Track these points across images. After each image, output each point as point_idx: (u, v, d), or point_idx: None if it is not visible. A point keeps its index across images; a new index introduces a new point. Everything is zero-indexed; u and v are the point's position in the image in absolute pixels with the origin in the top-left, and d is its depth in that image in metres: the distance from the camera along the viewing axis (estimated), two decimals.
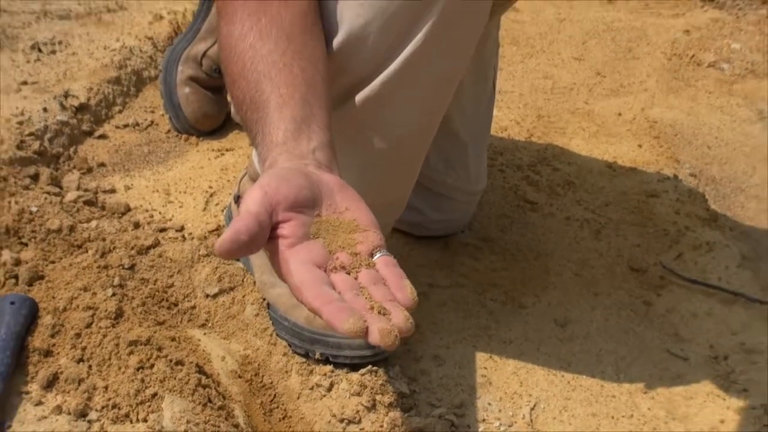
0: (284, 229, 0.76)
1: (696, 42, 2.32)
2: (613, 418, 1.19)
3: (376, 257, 0.77)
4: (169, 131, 1.74)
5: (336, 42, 1.03)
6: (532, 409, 1.20)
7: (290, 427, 1.16)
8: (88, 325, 1.16)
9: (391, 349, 0.70)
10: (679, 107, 2.03)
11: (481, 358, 1.28)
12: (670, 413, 1.20)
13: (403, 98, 1.08)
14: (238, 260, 1.35)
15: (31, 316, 1.18)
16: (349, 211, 0.80)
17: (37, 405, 1.07)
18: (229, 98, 1.65)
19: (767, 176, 1.80)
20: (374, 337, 0.67)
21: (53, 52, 1.88)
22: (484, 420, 1.18)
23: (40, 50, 1.88)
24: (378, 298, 0.72)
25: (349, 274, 0.75)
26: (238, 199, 1.27)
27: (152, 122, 1.76)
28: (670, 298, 1.43)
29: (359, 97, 1.07)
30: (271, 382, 1.21)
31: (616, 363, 1.29)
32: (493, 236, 1.53)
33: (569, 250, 1.52)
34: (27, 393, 1.08)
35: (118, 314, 1.18)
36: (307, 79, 0.94)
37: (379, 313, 0.69)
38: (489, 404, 1.20)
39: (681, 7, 2.52)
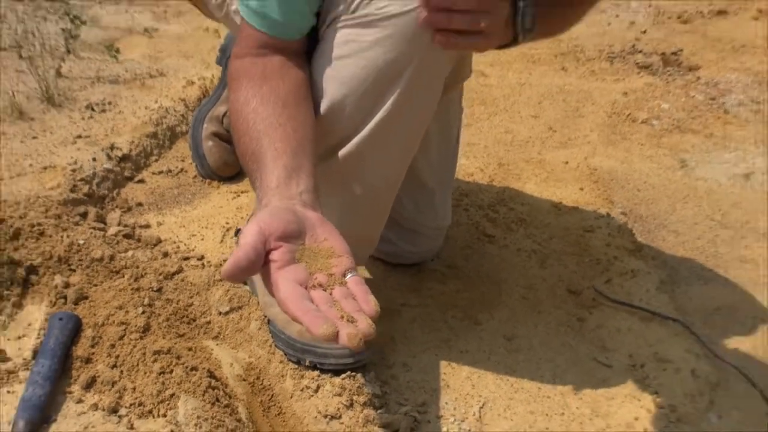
0: (274, 255, 0.79)
1: (632, 102, 2.27)
2: (547, 415, 1.18)
3: (347, 277, 0.79)
4: (195, 177, 1.74)
5: (322, 109, 1.05)
6: (481, 407, 1.19)
7: (284, 421, 1.15)
8: (121, 338, 1.17)
9: (356, 349, 0.73)
10: (615, 157, 1.98)
11: (441, 365, 1.27)
12: (594, 411, 1.20)
13: (375, 154, 1.09)
14: (245, 284, 1.34)
15: (76, 329, 1.19)
16: (327, 241, 0.82)
17: (77, 402, 1.08)
18: None
19: (685, 214, 1.76)
20: (343, 340, 0.70)
21: (103, 110, 1.89)
22: (441, 417, 1.17)
23: (93, 109, 1.89)
24: (347, 309, 0.74)
25: (325, 290, 0.77)
26: (237, 232, 1.28)
27: (182, 169, 1.76)
28: (600, 316, 1.41)
29: (341, 153, 1.09)
30: (270, 385, 1.20)
31: (552, 370, 1.27)
32: (457, 264, 1.51)
33: (519, 276, 1.50)
34: (70, 393, 1.09)
35: (146, 328, 1.20)
36: (297, 138, 0.96)
37: (348, 321, 0.72)
38: (446, 403, 1.19)
39: (621, 73, 2.48)
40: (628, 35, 2.77)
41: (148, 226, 1.53)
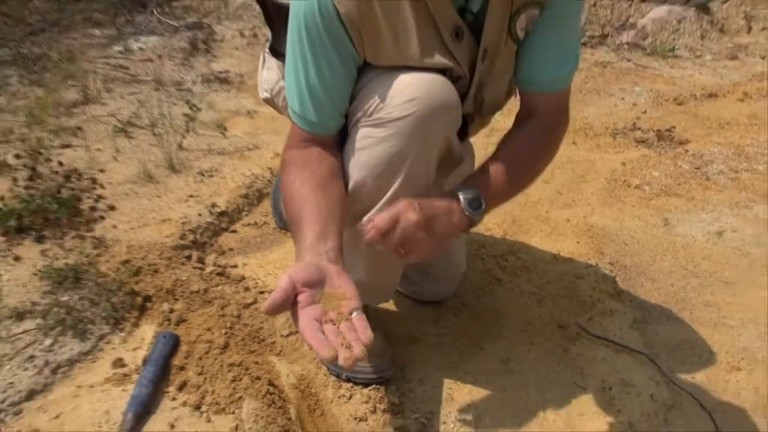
0: (300, 297, 0.86)
1: (628, 171, 2.25)
2: (528, 425, 1.21)
3: (353, 315, 0.86)
4: (274, 228, 1.81)
5: (349, 187, 1.10)
6: (477, 417, 1.23)
7: (325, 421, 1.21)
8: (207, 352, 1.26)
9: (349, 368, 0.81)
10: (609, 216, 1.97)
11: (448, 382, 1.30)
12: (567, 424, 1.22)
13: None
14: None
15: (175, 345, 1.28)
16: (340, 288, 0.89)
17: (172, 400, 1.18)
18: None
19: (663, 265, 1.74)
20: (340, 361, 0.79)
21: (211, 176, 2.00)
22: (444, 422, 1.21)
23: (203, 175, 2.01)
24: (348, 338, 0.82)
25: (334, 324, 0.84)
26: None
27: (265, 222, 1.82)
28: (581, 348, 1.42)
29: (364, 220, 1.11)
30: (315, 392, 1.26)
31: (537, 389, 1.30)
32: (470, 302, 1.54)
33: (519, 313, 1.52)
34: (167, 392, 1.19)
35: (225, 346, 1.29)
36: (327, 210, 1.02)
37: (346, 347, 0.80)
38: (449, 413, 1.23)
39: (621, 146, 2.45)
40: (630, 115, 2.75)
41: (235, 266, 1.61)
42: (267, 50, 1.39)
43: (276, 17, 1.25)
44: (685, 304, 1.60)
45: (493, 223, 1.88)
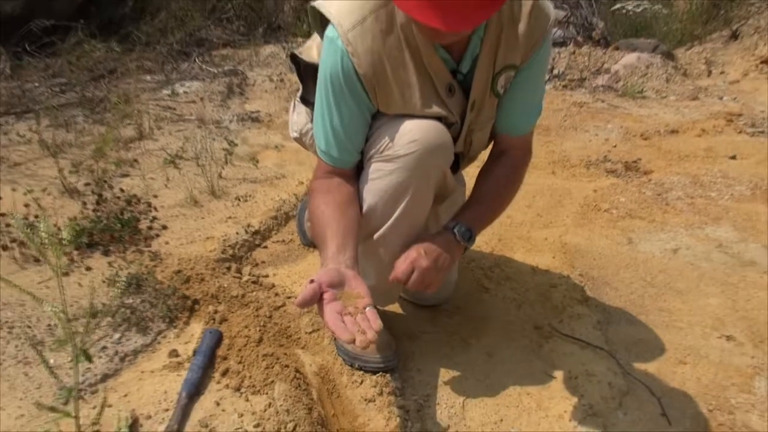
0: (325, 296, 0.99)
1: (599, 197, 2.32)
2: (506, 406, 1.31)
3: (366, 309, 0.99)
4: (299, 245, 1.90)
5: (363, 210, 1.22)
6: (464, 400, 1.33)
7: (341, 402, 1.31)
8: (245, 345, 1.36)
9: (363, 348, 0.97)
10: (581, 235, 2.05)
11: (442, 371, 1.40)
12: (538, 406, 1.32)
13: (393, 237, 1.23)
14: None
15: (219, 339, 1.38)
16: (356, 289, 1.02)
17: (217, 383, 1.27)
18: None
19: (625, 276, 1.82)
20: (358, 342, 0.92)
21: (246, 201, 2.10)
22: (438, 404, 1.31)
23: (239, 200, 2.12)
24: (363, 327, 0.95)
25: (352, 316, 0.97)
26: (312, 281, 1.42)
27: (291, 240, 1.92)
28: (553, 344, 1.51)
29: (375, 236, 1.25)
30: (333, 378, 1.36)
31: (515, 378, 1.39)
32: (461, 306, 1.63)
33: (502, 315, 1.61)
34: (213, 377, 1.28)
35: (260, 340, 1.39)
36: (346, 229, 1.14)
37: (361, 333, 0.93)
38: (442, 396, 1.33)
39: (594, 176, 2.54)
40: (602, 148, 2.83)
41: (267, 276, 1.73)
42: (298, 99, 1.52)
43: (306, 74, 1.38)
44: (642, 309, 1.69)
45: (482, 241, 1.98)
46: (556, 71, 3.94)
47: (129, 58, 3.33)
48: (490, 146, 1.35)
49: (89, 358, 0.92)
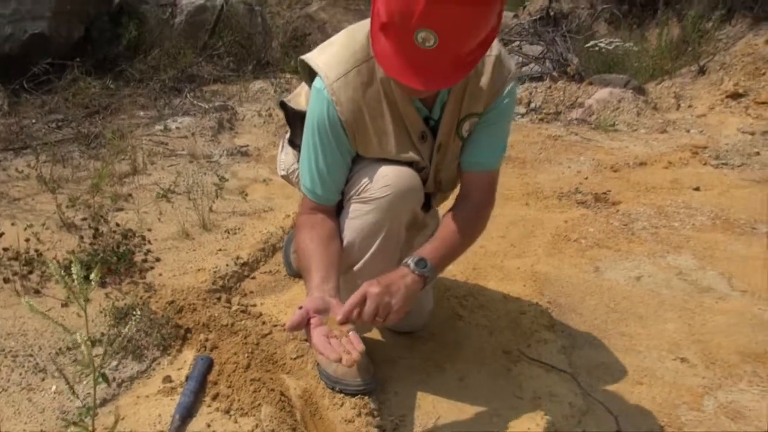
0: (312, 321, 1.10)
1: (570, 227, 2.45)
2: (477, 426, 1.40)
3: (350, 333, 1.09)
4: (285, 275, 1.99)
5: (344, 245, 1.33)
6: (437, 419, 1.42)
7: (323, 423, 1.38)
8: (234, 371, 1.45)
9: (350, 366, 1.04)
10: (551, 264, 2.17)
11: (417, 394, 1.49)
12: (506, 425, 1.40)
13: (370, 269, 1.34)
14: (306, 340, 1.55)
15: (210, 366, 1.47)
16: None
17: (208, 406, 1.36)
18: None
19: (590, 303, 1.93)
20: (344, 362, 1.02)
21: (235, 233, 2.21)
22: (412, 424, 1.40)
23: (228, 232, 2.22)
24: (347, 348, 1.06)
25: (337, 339, 1.08)
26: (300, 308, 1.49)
27: (278, 270, 2.01)
28: (521, 368, 1.60)
29: (355, 269, 1.36)
30: (315, 401, 1.44)
31: (485, 399, 1.48)
32: (437, 333, 1.73)
33: (474, 341, 1.70)
34: (204, 401, 1.37)
35: (248, 366, 1.48)
36: (328, 261, 1.25)
37: (346, 353, 1.04)
38: (417, 416, 1.42)
39: (565, 207, 2.66)
40: (574, 180, 2.98)
41: (255, 305, 1.82)
42: (286, 141, 1.65)
43: (294, 120, 1.52)
44: (604, 333, 1.81)
45: (458, 271, 2.10)
46: (533, 105, 4.13)
47: (123, 95, 3.46)
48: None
49: (107, 381, 1.03)
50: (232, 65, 4.12)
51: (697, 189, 2.90)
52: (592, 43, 4.54)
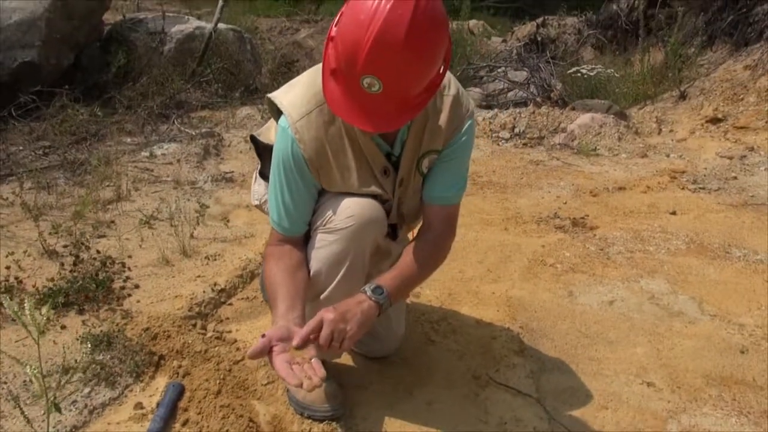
0: (274, 348, 1.14)
1: (546, 252, 2.49)
2: None
3: (312, 360, 1.13)
4: (262, 301, 2.01)
5: (310, 274, 1.38)
6: None
7: None
8: (204, 397, 1.49)
9: (310, 391, 1.08)
10: (526, 289, 2.20)
11: (386, 419, 1.52)
12: None
13: (337, 296, 1.37)
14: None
15: (181, 392, 1.51)
16: None
17: None
18: None
19: (562, 328, 1.97)
20: (305, 386, 1.06)
21: (215, 260, 2.25)
22: None
23: (208, 259, 2.27)
24: (309, 373, 1.10)
25: (299, 365, 1.12)
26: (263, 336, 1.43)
27: (255, 297, 2.04)
28: (489, 392, 1.64)
29: (321, 297, 1.41)
30: (285, 427, 1.48)
31: (452, 424, 1.52)
32: (408, 358, 1.76)
33: (444, 366, 1.74)
34: (174, 428, 1.41)
35: (218, 392, 1.52)
36: (294, 291, 1.30)
37: (308, 378, 1.08)
38: None
39: (543, 232, 2.71)
40: (553, 205, 3.04)
41: (230, 332, 1.86)
42: (257, 172, 1.71)
43: (264, 153, 1.58)
44: (573, 358, 1.85)
45: (433, 296, 2.14)
46: (517, 130, 4.21)
47: (111, 121, 3.53)
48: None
49: (59, 410, 1.06)
50: (220, 91, 4.20)
51: (673, 213, 2.96)
52: (574, 69, 4.64)
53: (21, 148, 3.12)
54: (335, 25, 1.18)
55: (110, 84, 3.79)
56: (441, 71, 1.18)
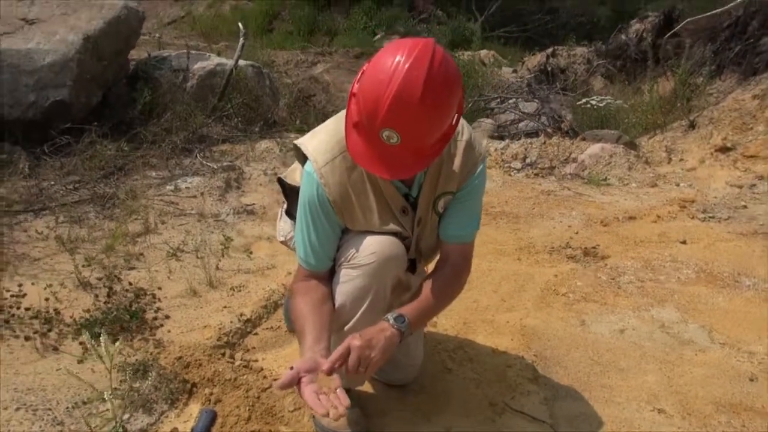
0: (303, 379, 1.23)
1: (559, 281, 2.56)
2: None
3: (337, 390, 1.22)
4: (286, 331, 2.12)
5: (335, 307, 1.48)
6: None
7: None
8: (236, 423, 1.59)
9: (337, 419, 1.17)
10: (540, 318, 2.27)
11: None
12: None
13: (361, 327, 1.44)
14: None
15: (213, 418, 1.60)
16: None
17: None
18: None
19: (575, 356, 2.04)
20: (331, 415, 1.15)
21: (240, 291, 2.36)
22: None
23: (233, 290, 2.37)
24: (335, 403, 1.19)
25: (326, 395, 1.21)
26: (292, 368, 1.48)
27: (279, 326, 2.14)
28: (505, 419, 1.71)
29: (345, 328, 1.50)
30: None
31: None
32: (426, 385, 1.84)
33: (462, 394, 1.81)
34: None
35: (249, 418, 1.62)
36: (321, 324, 1.39)
37: (334, 407, 1.17)
38: None
39: (555, 262, 2.79)
40: (565, 235, 3.13)
41: (256, 360, 1.95)
42: (284, 211, 1.83)
43: (290, 194, 1.70)
44: (586, 386, 1.92)
45: (449, 325, 2.23)
46: (528, 160, 4.33)
47: (135, 155, 3.68)
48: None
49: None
50: (240, 126, 4.35)
51: (683, 242, 3.03)
52: (584, 100, 4.76)
53: (53, 183, 3.27)
54: (357, 82, 1.31)
55: (136, 120, 3.95)
56: (454, 122, 1.30)
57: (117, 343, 1.52)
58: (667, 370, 2.01)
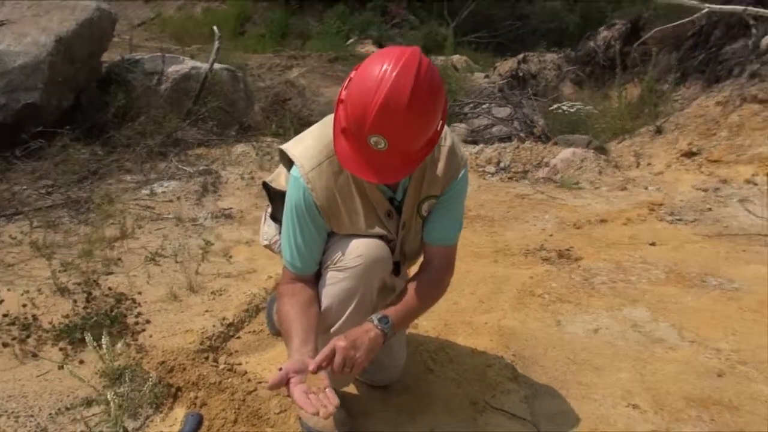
0: (292, 380, 1.25)
1: (535, 283, 2.61)
2: None
3: (326, 390, 1.25)
4: (268, 334, 2.13)
5: (322, 309, 1.50)
6: None
7: None
8: (222, 426, 1.60)
9: (326, 418, 1.19)
10: (517, 319, 2.32)
11: None
12: None
13: (347, 328, 1.45)
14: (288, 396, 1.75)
15: (200, 422, 1.60)
16: (317, 374, 1.29)
17: None
18: None
19: (552, 355, 2.09)
20: (321, 414, 1.17)
21: (220, 295, 2.36)
22: None
23: (214, 294, 2.36)
24: (324, 402, 1.21)
25: (315, 394, 1.23)
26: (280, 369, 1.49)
27: (261, 330, 2.15)
28: (486, 417, 1.75)
29: (332, 330, 1.52)
30: None
31: None
32: (410, 386, 1.87)
33: (444, 393, 1.85)
34: None
35: (235, 421, 1.63)
36: (307, 326, 1.41)
37: (323, 407, 1.19)
38: None
39: (530, 264, 2.84)
40: (539, 237, 3.19)
41: (240, 364, 1.96)
42: (268, 215, 1.85)
43: (275, 198, 1.72)
44: (563, 384, 1.97)
45: (430, 327, 2.27)
46: (502, 164, 4.40)
47: (110, 159, 3.64)
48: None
49: None
50: (215, 129, 4.34)
51: (653, 244, 3.12)
52: (555, 106, 4.87)
53: (25, 187, 3.22)
54: (345, 89, 1.34)
55: (110, 123, 3.91)
56: (439, 128, 1.34)
57: (118, 345, 1.50)
58: (640, 368, 2.08)
